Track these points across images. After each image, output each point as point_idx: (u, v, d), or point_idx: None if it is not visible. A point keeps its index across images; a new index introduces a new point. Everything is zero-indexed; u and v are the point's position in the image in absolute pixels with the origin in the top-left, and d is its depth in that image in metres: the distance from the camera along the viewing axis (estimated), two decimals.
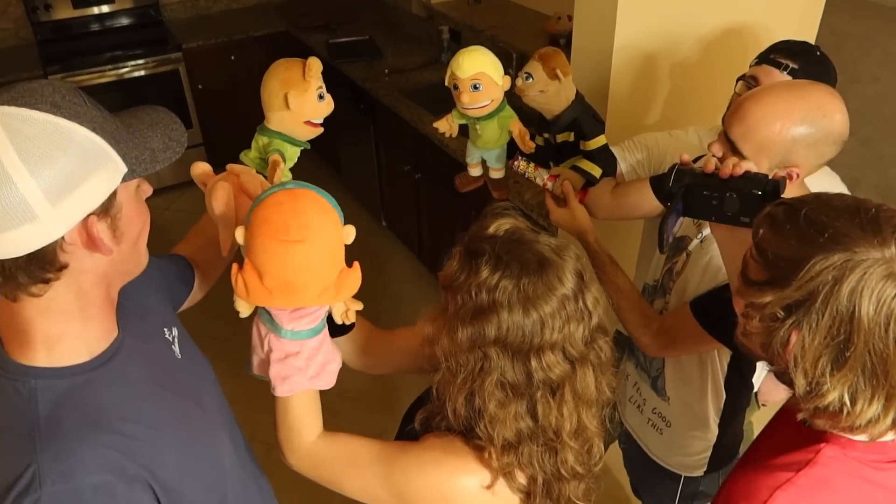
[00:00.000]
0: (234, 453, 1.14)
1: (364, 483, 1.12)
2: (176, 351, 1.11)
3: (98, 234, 0.86)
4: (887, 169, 4.41)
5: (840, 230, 0.86)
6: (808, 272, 0.86)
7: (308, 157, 1.41)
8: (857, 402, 0.87)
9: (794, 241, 0.89)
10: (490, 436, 1.02)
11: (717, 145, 1.37)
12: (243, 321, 1.11)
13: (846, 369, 0.86)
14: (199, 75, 4.35)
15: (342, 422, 1.20)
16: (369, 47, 3.96)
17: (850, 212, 0.88)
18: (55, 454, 0.83)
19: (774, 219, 0.93)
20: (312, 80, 1.29)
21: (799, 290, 0.87)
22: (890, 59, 4.88)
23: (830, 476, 0.94)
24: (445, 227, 3.32)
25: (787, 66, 1.56)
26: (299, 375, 1.10)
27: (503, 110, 1.57)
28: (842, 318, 0.85)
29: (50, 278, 0.85)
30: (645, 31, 2.07)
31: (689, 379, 1.66)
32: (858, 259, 0.84)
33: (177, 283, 1.28)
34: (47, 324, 0.89)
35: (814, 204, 0.92)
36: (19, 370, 0.88)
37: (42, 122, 0.80)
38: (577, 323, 1.00)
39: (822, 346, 0.87)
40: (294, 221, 0.98)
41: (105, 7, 4.41)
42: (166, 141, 0.93)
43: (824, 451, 0.94)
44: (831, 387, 0.87)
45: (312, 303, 1.05)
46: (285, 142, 1.32)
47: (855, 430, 0.91)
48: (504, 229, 1.05)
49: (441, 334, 1.04)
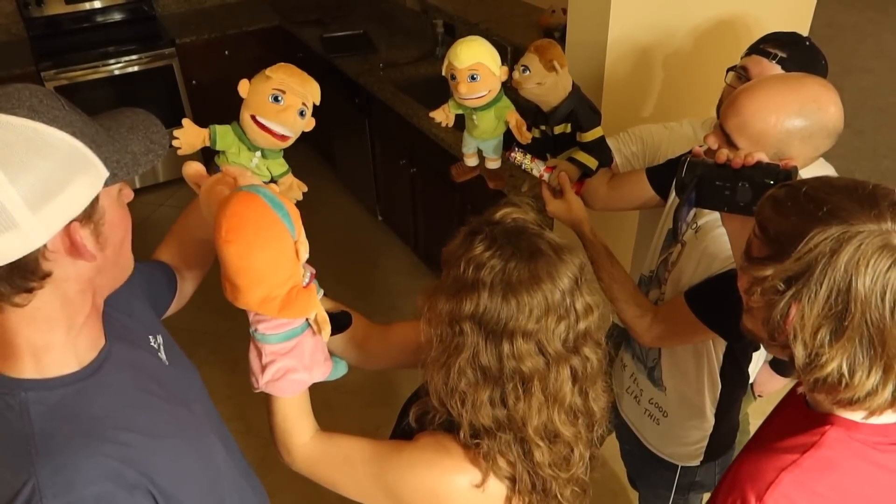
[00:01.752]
0: (226, 455, 1.14)
1: (359, 483, 1.13)
2: (163, 358, 1.10)
3: (81, 240, 0.84)
4: (881, 160, 4.42)
5: (837, 205, 0.89)
6: (806, 244, 0.88)
7: (303, 152, 1.40)
8: (856, 373, 0.89)
9: (794, 216, 0.92)
10: (459, 413, 1.03)
11: (712, 137, 1.37)
12: (238, 317, 1.12)
13: (844, 339, 0.88)
14: (192, 70, 4.33)
15: (339, 416, 1.20)
16: (364, 41, 3.95)
17: (848, 189, 0.91)
18: (54, 467, 0.82)
19: (776, 199, 0.96)
20: (273, 75, 1.23)
21: (797, 262, 0.89)
22: (883, 50, 4.89)
23: (835, 458, 0.95)
24: (441, 221, 3.33)
25: (776, 55, 1.58)
26: (259, 375, 1.11)
27: (500, 101, 1.57)
28: (839, 289, 0.87)
29: (33, 287, 0.83)
30: (639, 24, 2.07)
31: (686, 369, 1.66)
32: (855, 231, 0.86)
33: (160, 289, 1.26)
34: (33, 334, 0.87)
35: (814, 183, 0.95)
36: (8, 383, 0.86)
37: (20, 128, 0.78)
38: (559, 320, 1.00)
39: (820, 316, 0.89)
40: (226, 222, 0.99)
41: (97, 2, 4.39)
42: (147, 144, 0.91)
43: (829, 434, 0.96)
44: (830, 357, 0.89)
45: (256, 309, 1.05)
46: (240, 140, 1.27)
47: (855, 404, 0.92)
48: (511, 217, 1.06)
49: (426, 305, 1.05)
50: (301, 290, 1.07)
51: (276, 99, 1.22)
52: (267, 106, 1.22)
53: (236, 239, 0.99)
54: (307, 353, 1.13)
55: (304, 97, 1.24)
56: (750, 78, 1.58)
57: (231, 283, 1.03)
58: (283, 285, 1.04)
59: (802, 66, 1.52)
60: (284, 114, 1.23)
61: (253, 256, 1.00)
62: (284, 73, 1.24)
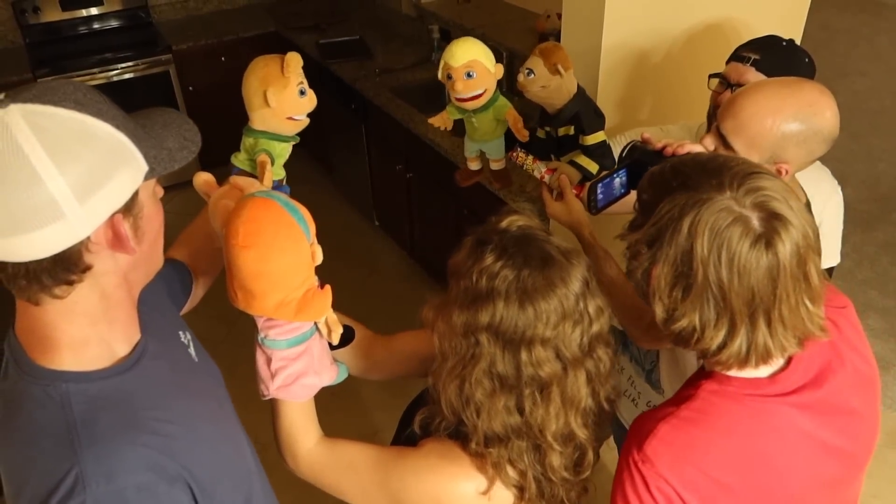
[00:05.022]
0: (252, 455, 1.14)
1: (363, 489, 1.12)
2: (192, 354, 1.11)
3: (125, 232, 0.85)
4: (875, 163, 4.44)
5: (689, 176, 0.98)
6: (659, 211, 0.97)
7: (299, 157, 1.41)
8: (707, 327, 0.97)
9: (657, 187, 1.01)
10: (475, 424, 1.03)
11: (709, 139, 1.39)
12: (237, 323, 1.12)
13: (693, 297, 0.95)
14: (189, 77, 4.34)
15: (336, 421, 1.20)
16: (360, 47, 3.96)
17: (702, 163, 1.00)
18: (96, 455, 0.82)
19: (652, 173, 1.05)
20: (292, 75, 1.27)
21: (654, 227, 0.98)
22: (878, 53, 4.91)
23: (709, 408, 1.03)
24: (437, 226, 3.32)
25: (749, 58, 1.60)
26: (269, 382, 1.10)
27: (497, 100, 1.58)
28: (683, 250, 0.94)
29: (74, 280, 0.84)
30: (634, 29, 2.08)
31: (684, 372, 1.66)
32: (697, 198, 0.94)
33: (178, 287, 1.27)
34: (72, 327, 0.87)
35: (682, 158, 1.05)
36: (48, 375, 0.87)
37: (68, 119, 0.79)
38: (575, 325, 1.00)
39: (672, 276, 0.96)
40: (244, 227, 0.99)
41: (94, 9, 4.40)
42: (182, 140, 0.92)
43: (704, 386, 1.04)
44: (682, 313, 0.97)
45: (270, 314, 1.05)
46: (272, 140, 1.31)
47: (711, 356, 1.00)
48: (517, 225, 1.06)
49: (439, 318, 1.05)
50: (317, 292, 1.07)
51: (303, 92, 1.29)
52: (299, 102, 1.29)
53: (255, 243, 0.99)
54: (316, 357, 1.13)
55: (301, 75, 1.31)
56: (731, 84, 1.60)
57: (245, 290, 1.03)
58: (300, 288, 1.05)
59: (778, 66, 1.54)
60: (310, 100, 1.32)
61: (271, 261, 1.00)
62: (292, 65, 1.27)
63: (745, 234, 0.92)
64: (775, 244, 0.92)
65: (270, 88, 1.25)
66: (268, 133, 1.31)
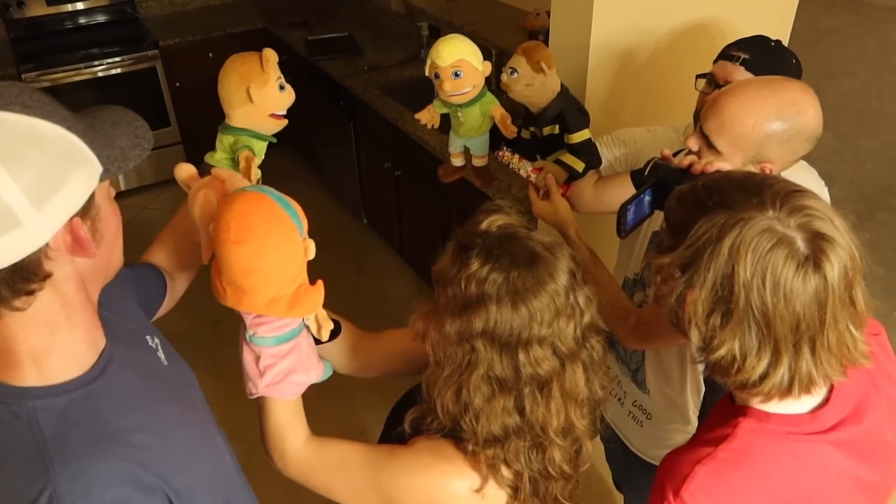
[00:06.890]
0: (230, 456, 1.13)
1: (353, 488, 1.11)
2: (161, 358, 1.09)
3: (84, 235, 0.83)
4: (863, 163, 4.47)
5: (725, 195, 0.93)
6: (695, 232, 0.92)
7: (287, 155, 1.40)
8: (748, 356, 0.91)
9: (689, 207, 0.96)
10: (473, 429, 1.02)
11: (693, 139, 1.39)
12: (223, 321, 1.11)
13: (733, 323, 0.90)
14: (176, 73, 4.30)
15: (323, 419, 1.19)
16: (348, 44, 3.94)
17: (738, 181, 0.96)
18: (70, 473, 0.80)
19: (681, 192, 1.00)
20: (271, 70, 1.26)
21: (688, 250, 0.92)
22: (865, 54, 4.94)
23: (748, 449, 0.97)
24: (426, 224, 3.32)
25: (738, 57, 1.59)
26: (257, 380, 1.09)
27: (484, 96, 1.57)
28: (723, 275, 0.89)
29: (34, 289, 0.81)
30: (622, 28, 2.08)
31: (670, 371, 1.67)
32: (738, 218, 0.89)
33: (150, 292, 1.25)
34: (33, 338, 0.84)
35: (713, 177, 1.00)
36: (12, 393, 0.84)
37: (16, 123, 0.76)
38: (568, 319, 1.00)
39: (710, 301, 0.91)
40: (235, 222, 0.98)
41: (80, 4, 4.36)
42: (133, 139, 0.90)
43: (742, 425, 0.98)
44: (721, 341, 0.92)
45: (262, 311, 1.04)
46: (252, 137, 1.30)
47: (751, 388, 0.94)
48: (497, 225, 1.05)
49: (430, 328, 1.03)
50: (309, 288, 1.06)
51: (282, 87, 1.28)
52: (280, 97, 1.28)
53: (247, 238, 0.97)
54: (304, 354, 1.12)
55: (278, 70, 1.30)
56: (718, 83, 1.60)
57: (235, 286, 1.01)
58: (292, 284, 1.03)
59: (767, 66, 1.53)
60: (289, 95, 1.31)
61: (264, 256, 0.99)
62: (271, 60, 1.26)
63: (791, 257, 0.87)
64: (823, 266, 0.87)
65: (252, 85, 1.25)
66: (248, 131, 1.30)
